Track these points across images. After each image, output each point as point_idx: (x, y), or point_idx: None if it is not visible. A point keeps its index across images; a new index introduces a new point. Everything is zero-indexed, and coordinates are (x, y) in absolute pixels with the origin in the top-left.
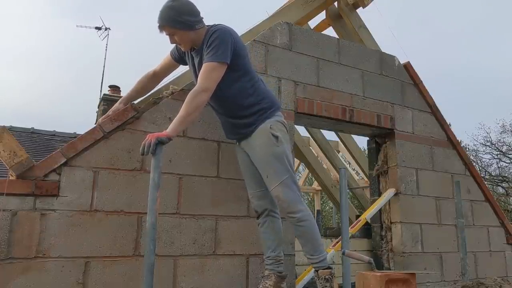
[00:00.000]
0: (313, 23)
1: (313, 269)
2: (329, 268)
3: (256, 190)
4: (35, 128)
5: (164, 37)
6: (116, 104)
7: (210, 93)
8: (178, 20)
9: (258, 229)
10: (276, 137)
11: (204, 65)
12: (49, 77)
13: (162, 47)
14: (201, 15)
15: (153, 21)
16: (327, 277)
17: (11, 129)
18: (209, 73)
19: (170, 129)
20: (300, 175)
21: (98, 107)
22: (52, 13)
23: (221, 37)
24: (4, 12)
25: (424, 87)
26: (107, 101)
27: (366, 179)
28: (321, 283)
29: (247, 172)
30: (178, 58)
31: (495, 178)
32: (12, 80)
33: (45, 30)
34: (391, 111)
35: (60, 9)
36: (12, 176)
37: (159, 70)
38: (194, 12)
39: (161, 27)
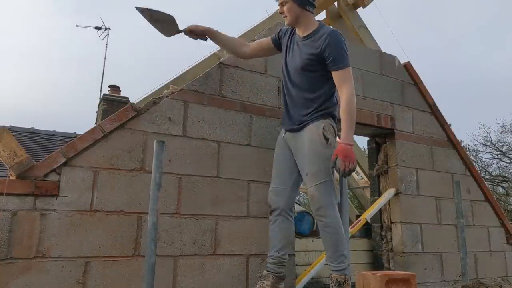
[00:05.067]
0: None
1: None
2: (345, 275)
3: (277, 185)
4: (35, 128)
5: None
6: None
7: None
8: None
9: (269, 226)
10: (327, 140)
11: (343, 71)
12: (49, 76)
13: (162, 47)
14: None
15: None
16: (339, 280)
17: (11, 129)
18: (350, 78)
19: (347, 138)
20: None
21: (98, 107)
22: (52, 13)
23: (343, 43)
24: (4, 11)
25: (424, 87)
26: (107, 101)
27: (366, 179)
28: (332, 286)
29: (279, 166)
30: (277, 43)
31: (495, 178)
32: (12, 79)
33: (45, 30)
34: (391, 111)
35: (60, 8)
36: (12, 176)
37: (252, 45)
38: None
39: None
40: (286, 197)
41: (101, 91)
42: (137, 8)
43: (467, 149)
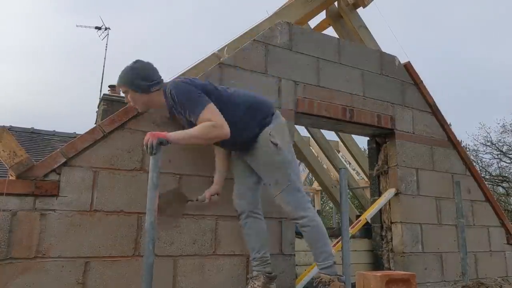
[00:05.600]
0: (313, 23)
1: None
2: (330, 275)
3: (237, 189)
4: (35, 128)
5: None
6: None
7: (226, 131)
8: (133, 82)
9: (242, 230)
10: (276, 145)
11: (200, 125)
12: (49, 76)
13: (162, 46)
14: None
15: (153, 21)
16: (323, 280)
17: (11, 129)
18: (205, 122)
19: (172, 135)
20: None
21: (98, 107)
22: (52, 12)
23: (181, 92)
24: (4, 9)
25: (424, 87)
26: (107, 101)
27: (366, 179)
28: (317, 286)
29: (236, 172)
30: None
31: (495, 178)
32: (11, 79)
33: (45, 29)
34: (391, 111)
35: (60, 8)
36: (12, 176)
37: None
38: (150, 77)
39: (118, 85)
40: (248, 198)
41: (101, 91)
42: None
43: (467, 149)
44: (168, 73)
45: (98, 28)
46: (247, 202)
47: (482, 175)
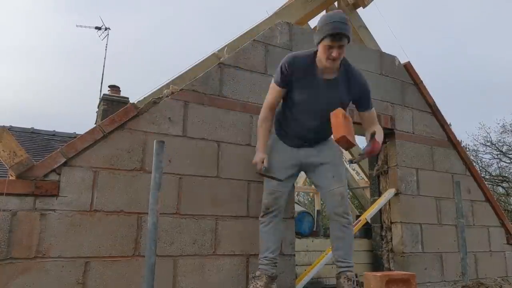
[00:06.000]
0: (313, 23)
1: (340, 271)
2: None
3: (277, 189)
4: (35, 128)
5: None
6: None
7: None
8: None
9: (261, 228)
10: (341, 152)
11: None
12: (49, 76)
13: (161, 46)
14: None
15: (152, 21)
16: (350, 277)
17: (11, 129)
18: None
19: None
20: (300, 175)
21: (98, 107)
22: (51, 12)
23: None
24: (3, 10)
25: (424, 87)
26: (107, 101)
27: (366, 179)
28: (351, 285)
29: (283, 172)
30: (283, 85)
31: (495, 178)
32: (11, 79)
33: (45, 29)
34: (391, 111)
35: (60, 7)
36: (12, 176)
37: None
38: None
39: (344, 35)
40: (284, 199)
41: (101, 91)
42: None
43: (467, 149)
44: (168, 73)
45: (98, 28)
46: (282, 202)
47: (482, 175)
